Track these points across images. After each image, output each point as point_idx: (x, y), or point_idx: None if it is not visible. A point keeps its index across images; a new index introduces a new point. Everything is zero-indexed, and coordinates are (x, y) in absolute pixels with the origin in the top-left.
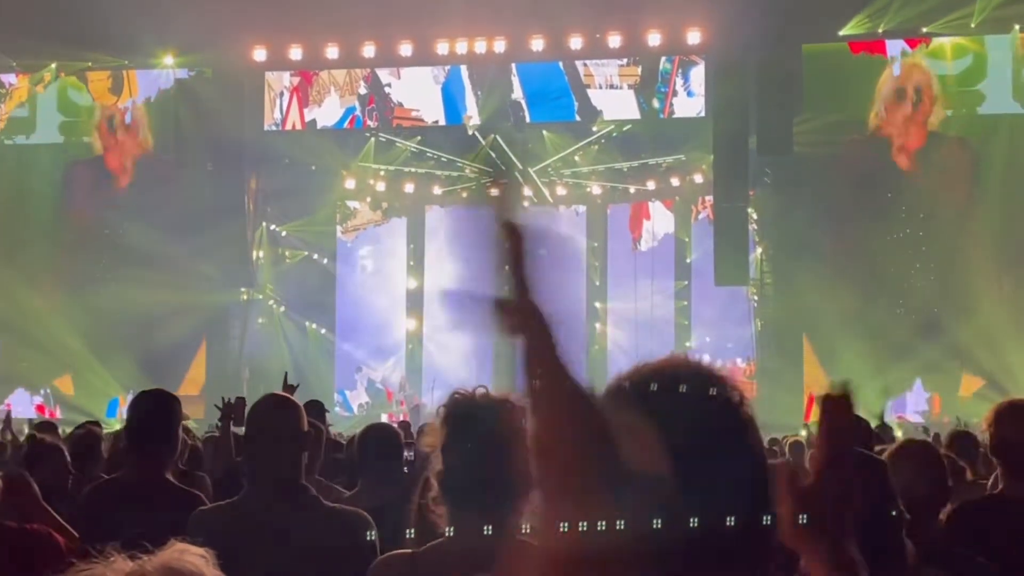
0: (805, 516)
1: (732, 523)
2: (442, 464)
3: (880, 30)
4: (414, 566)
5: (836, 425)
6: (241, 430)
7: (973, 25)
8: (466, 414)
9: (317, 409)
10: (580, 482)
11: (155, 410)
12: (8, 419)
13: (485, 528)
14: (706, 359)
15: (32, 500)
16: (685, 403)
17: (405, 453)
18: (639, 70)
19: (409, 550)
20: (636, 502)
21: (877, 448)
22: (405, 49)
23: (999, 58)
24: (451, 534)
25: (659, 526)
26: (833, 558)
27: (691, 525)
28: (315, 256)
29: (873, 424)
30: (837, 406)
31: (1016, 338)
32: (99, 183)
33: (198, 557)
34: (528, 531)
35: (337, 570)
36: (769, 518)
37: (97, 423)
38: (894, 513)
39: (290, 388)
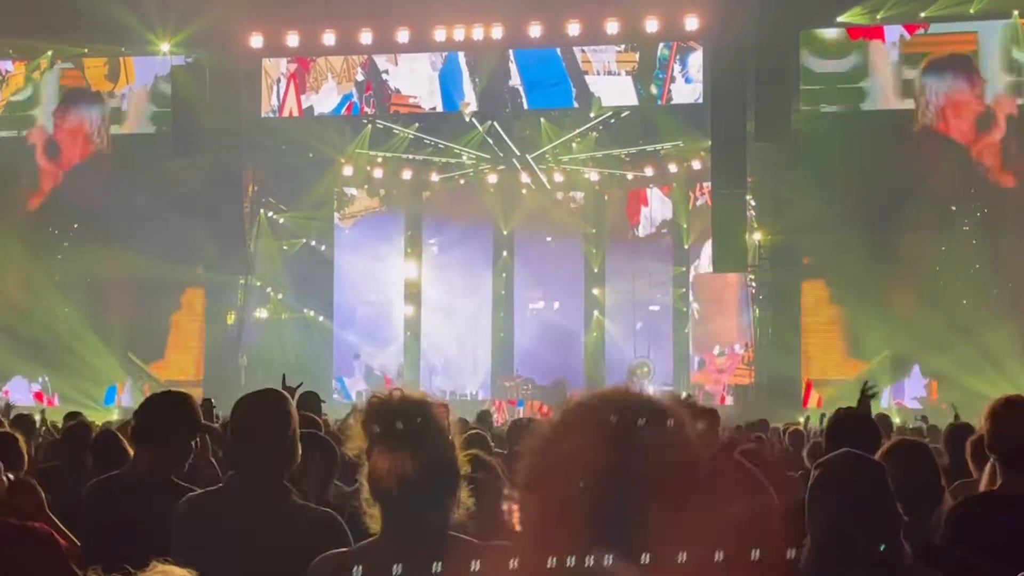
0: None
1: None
2: (369, 466)
3: (879, 16)
4: (345, 564)
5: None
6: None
7: (972, 11)
8: (386, 417)
9: (313, 401)
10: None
11: (166, 412)
12: (7, 408)
13: (417, 526)
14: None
15: (36, 504)
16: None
17: None
18: (637, 56)
19: (345, 549)
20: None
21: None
22: (402, 36)
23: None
24: (381, 535)
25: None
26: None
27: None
28: (313, 243)
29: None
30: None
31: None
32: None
33: None
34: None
35: (298, 567)
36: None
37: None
38: (890, 514)
39: (290, 390)
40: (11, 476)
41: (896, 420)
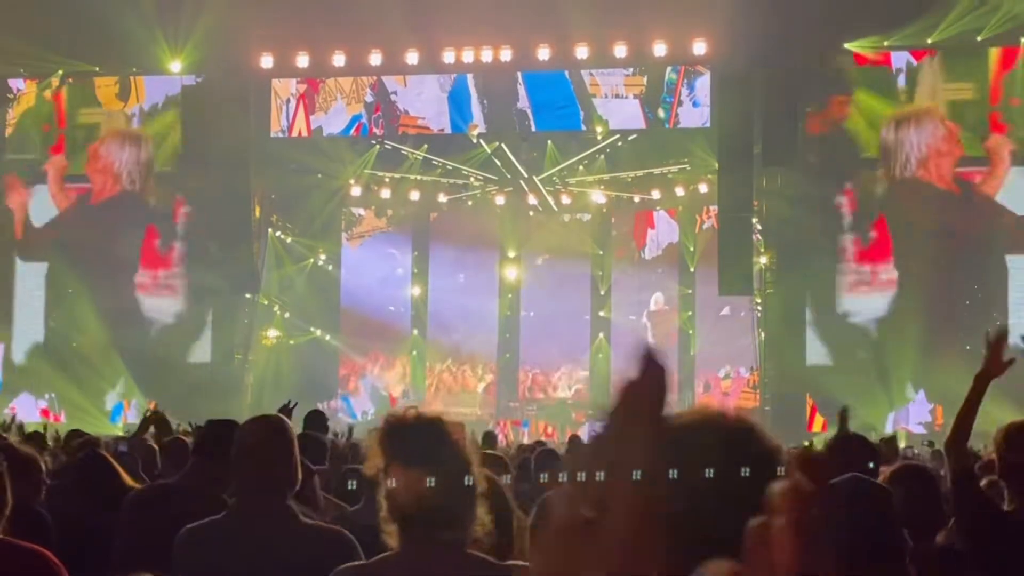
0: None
1: None
2: (387, 484)
3: (886, 43)
4: None
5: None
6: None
7: (980, 38)
8: (401, 435)
9: (319, 420)
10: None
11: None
12: (12, 423)
13: (432, 543)
14: (734, 411)
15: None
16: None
17: None
18: (645, 80)
19: (362, 562)
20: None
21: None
22: (412, 57)
23: None
24: (398, 552)
25: None
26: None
27: None
28: (320, 262)
29: (875, 438)
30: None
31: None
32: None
33: None
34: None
35: None
36: None
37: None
38: (896, 540)
39: (286, 410)
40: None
41: (902, 445)
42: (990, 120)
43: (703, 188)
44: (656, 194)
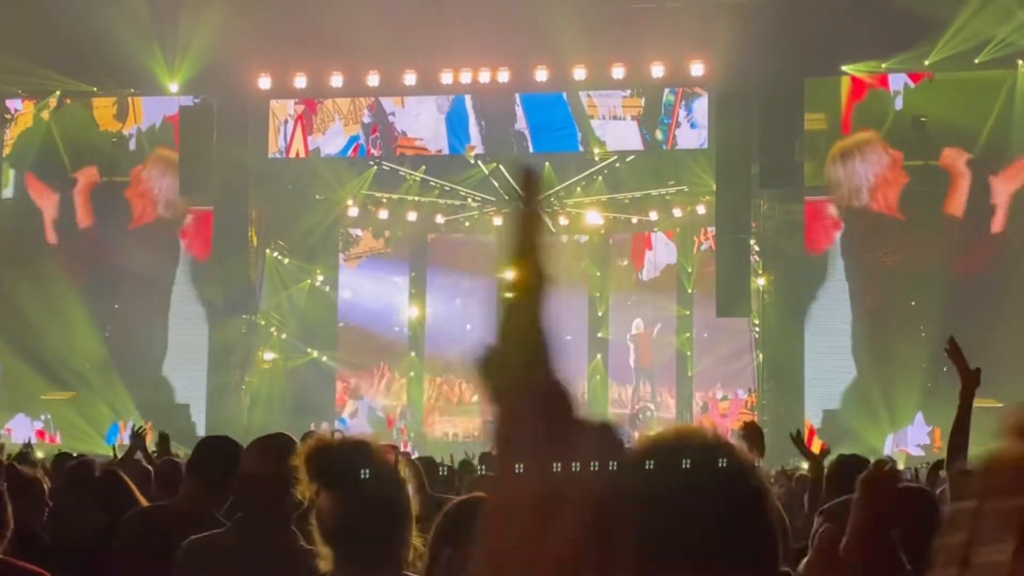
0: None
1: None
2: (316, 509)
3: (883, 66)
4: None
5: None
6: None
7: (977, 61)
8: (326, 459)
9: None
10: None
11: (224, 454)
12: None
13: (367, 566)
14: (711, 429)
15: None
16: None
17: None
18: (642, 101)
19: None
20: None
21: None
22: (409, 78)
23: None
24: (334, 573)
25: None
26: None
27: None
28: (317, 283)
29: (873, 459)
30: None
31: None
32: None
33: None
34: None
35: None
36: None
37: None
38: (892, 562)
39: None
40: None
41: (901, 467)
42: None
43: (701, 209)
44: (654, 215)
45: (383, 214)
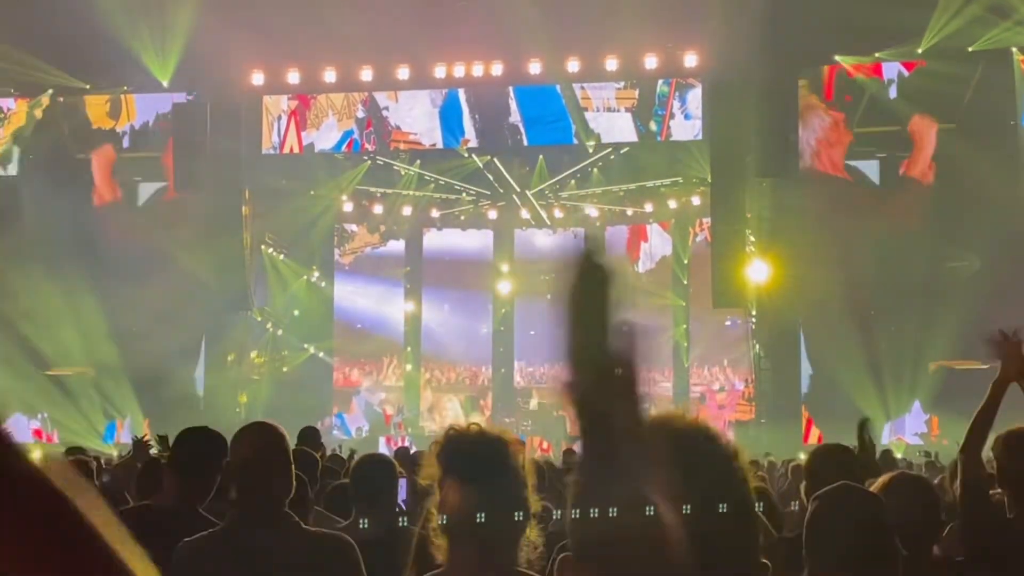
0: None
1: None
2: (440, 497)
3: (877, 55)
4: None
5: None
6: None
7: (970, 49)
8: (461, 450)
9: (312, 436)
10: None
11: (203, 447)
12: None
13: (481, 561)
14: (695, 413)
15: None
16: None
17: (401, 482)
18: (636, 93)
19: None
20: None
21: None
22: (403, 73)
23: None
24: (447, 567)
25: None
26: None
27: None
28: (313, 279)
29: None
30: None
31: None
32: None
33: None
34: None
35: None
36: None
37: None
38: (887, 547)
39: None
40: None
41: (899, 455)
42: None
43: (696, 200)
44: (649, 207)
45: (378, 209)
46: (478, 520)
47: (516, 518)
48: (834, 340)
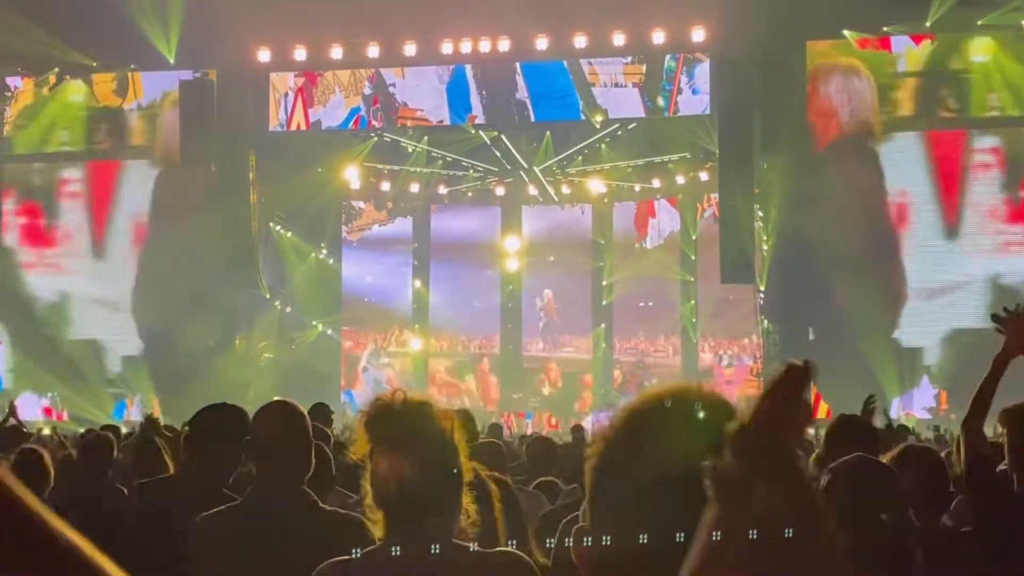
0: None
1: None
2: (371, 469)
3: (885, 28)
4: (347, 572)
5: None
6: None
7: (979, 23)
8: (387, 417)
9: (323, 413)
10: None
11: (218, 421)
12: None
13: (419, 532)
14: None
15: None
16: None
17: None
18: (644, 68)
19: (347, 557)
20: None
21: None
22: (409, 49)
23: None
24: (386, 540)
25: None
26: None
27: None
28: (321, 256)
29: (881, 424)
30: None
31: None
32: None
33: None
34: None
35: None
36: None
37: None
38: (900, 518)
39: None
40: None
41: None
42: None
43: (704, 176)
44: (657, 183)
45: (385, 186)
46: (408, 488)
47: (448, 485)
48: (842, 314)
